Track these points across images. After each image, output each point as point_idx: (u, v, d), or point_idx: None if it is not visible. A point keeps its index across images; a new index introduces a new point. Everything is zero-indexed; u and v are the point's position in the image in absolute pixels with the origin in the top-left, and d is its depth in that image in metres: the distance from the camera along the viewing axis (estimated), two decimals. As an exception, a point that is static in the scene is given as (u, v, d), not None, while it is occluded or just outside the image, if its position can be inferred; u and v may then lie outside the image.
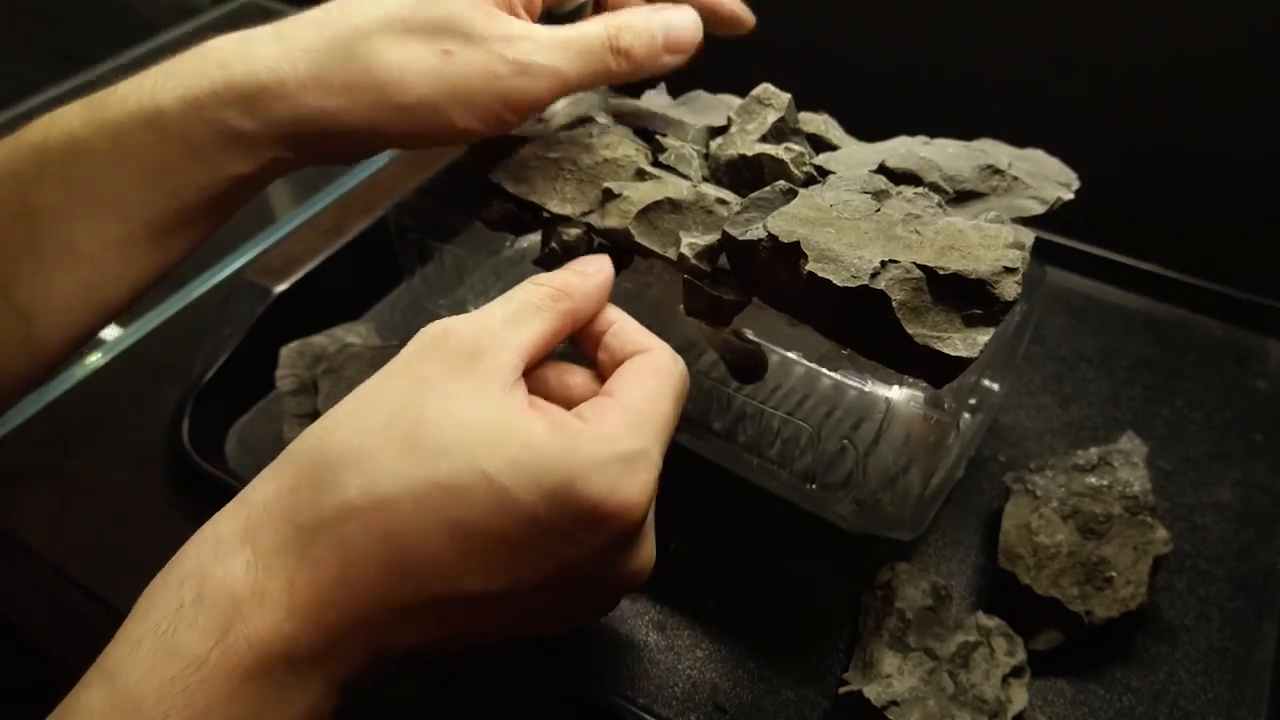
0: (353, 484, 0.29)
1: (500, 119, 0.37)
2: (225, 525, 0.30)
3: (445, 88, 0.36)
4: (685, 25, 0.40)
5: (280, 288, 0.60)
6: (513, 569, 0.29)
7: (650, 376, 0.34)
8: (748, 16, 0.45)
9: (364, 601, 0.29)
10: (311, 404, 0.54)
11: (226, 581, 0.28)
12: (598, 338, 0.36)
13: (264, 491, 0.30)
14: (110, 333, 0.63)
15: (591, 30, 0.38)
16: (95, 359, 0.61)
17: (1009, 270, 0.34)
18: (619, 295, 0.47)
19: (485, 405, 0.30)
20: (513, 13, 0.38)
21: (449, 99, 0.36)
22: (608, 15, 0.39)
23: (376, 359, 0.56)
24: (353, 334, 0.58)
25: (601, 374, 0.36)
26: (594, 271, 0.36)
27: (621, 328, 0.36)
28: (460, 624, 0.31)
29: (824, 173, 0.41)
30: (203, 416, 0.55)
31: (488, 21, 0.36)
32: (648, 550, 0.33)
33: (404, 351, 0.32)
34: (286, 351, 0.56)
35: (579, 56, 0.37)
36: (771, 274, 0.37)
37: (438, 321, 0.32)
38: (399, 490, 0.28)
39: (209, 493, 0.51)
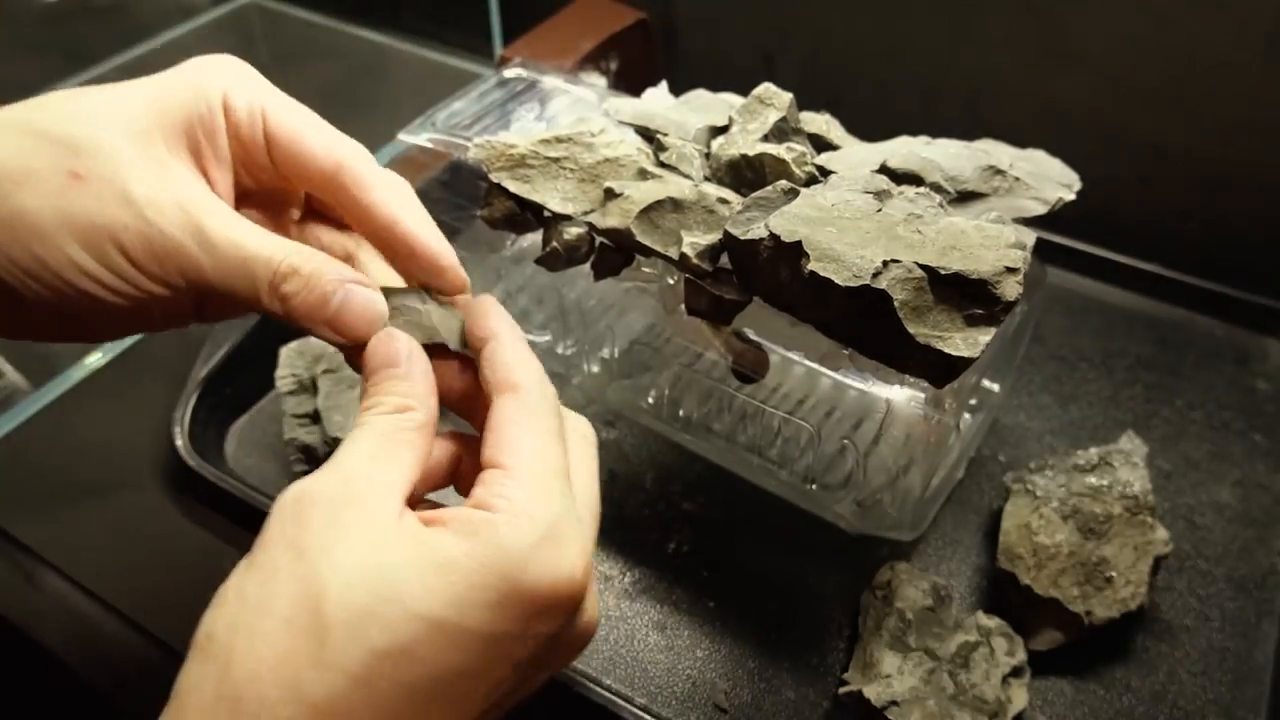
0: (281, 701, 0.24)
1: (124, 272, 0.30)
2: None
3: (63, 212, 0.29)
4: (363, 311, 0.32)
5: (280, 287, 0.59)
6: (477, 693, 0.27)
7: (527, 422, 0.30)
8: (460, 280, 0.35)
9: None
10: (311, 404, 0.54)
11: None
12: (478, 347, 0.33)
13: None
14: (110, 332, 0.63)
15: (264, 252, 0.31)
16: (95, 359, 0.61)
17: (1010, 270, 0.34)
18: (622, 296, 0.47)
19: (385, 546, 0.26)
20: (201, 167, 0.32)
21: (62, 226, 0.29)
22: (295, 247, 0.32)
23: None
24: (353, 334, 0.58)
25: (482, 389, 0.32)
26: (405, 357, 0.31)
27: (497, 350, 0.32)
28: None
29: (825, 173, 0.41)
30: (202, 417, 0.55)
31: (143, 164, 0.30)
32: (592, 608, 0.31)
33: (267, 531, 0.27)
34: (286, 351, 0.56)
35: (226, 265, 0.30)
36: (773, 273, 0.36)
37: (290, 489, 0.28)
38: (339, 682, 0.25)
39: (208, 493, 0.52)
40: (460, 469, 0.34)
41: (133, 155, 0.30)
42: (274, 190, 0.36)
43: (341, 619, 0.25)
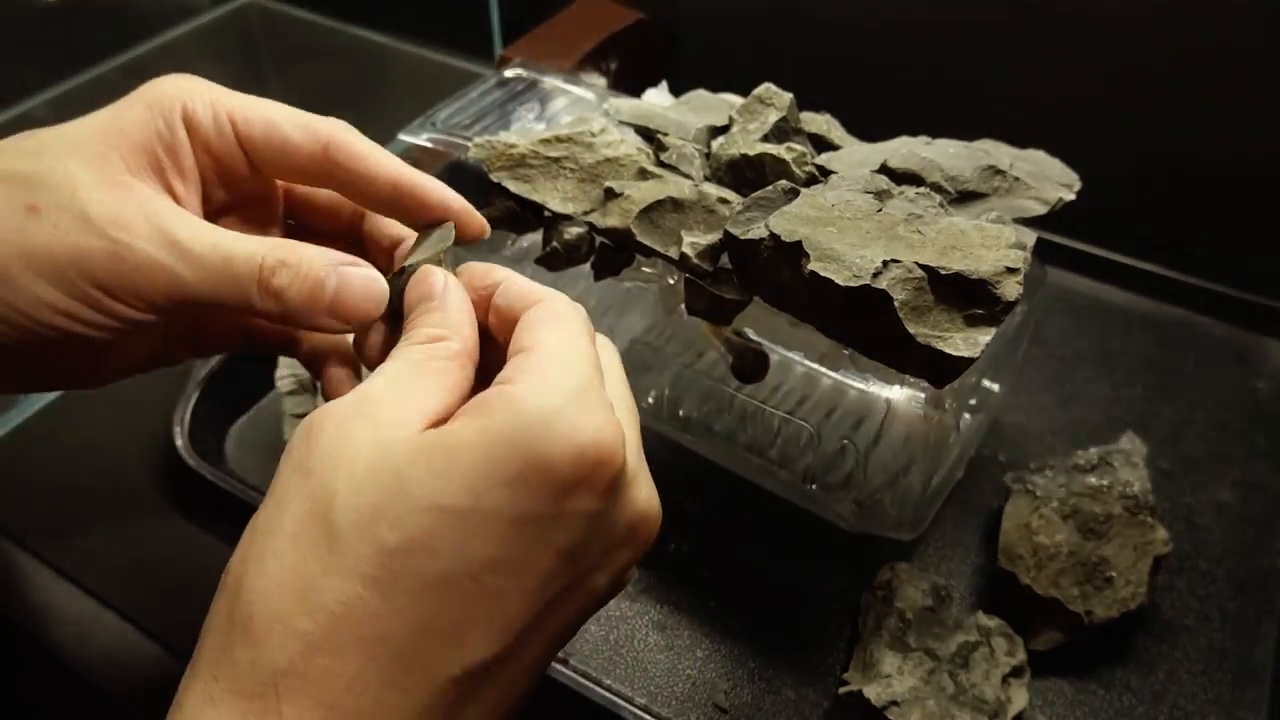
0: (296, 613, 0.23)
1: (97, 302, 0.28)
2: None
3: (23, 249, 0.28)
4: (363, 291, 0.30)
5: (280, 287, 0.59)
6: (522, 593, 0.25)
7: (556, 319, 0.28)
8: (478, 221, 0.34)
9: None
10: (311, 404, 0.54)
11: None
12: (485, 303, 0.31)
13: (194, 681, 0.24)
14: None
15: (245, 249, 0.29)
16: (95, 358, 0.61)
17: (1011, 270, 0.34)
18: (622, 296, 0.47)
19: (397, 442, 0.25)
20: (165, 186, 0.31)
21: (24, 263, 0.28)
22: (277, 241, 0.30)
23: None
24: (353, 334, 0.58)
25: (496, 339, 0.31)
26: (440, 289, 0.30)
27: (509, 285, 0.31)
28: (496, 701, 0.25)
29: (826, 172, 0.41)
30: (202, 417, 0.55)
31: (102, 186, 0.29)
32: (645, 495, 0.28)
33: (281, 461, 0.26)
34: (286, 351, 0.56)
35: (207, 270, 0.29)
36: (773, 273, 0.37)
37: (306, 417, 0.27)
38: (353, 585, 0.23)
39: (208, 493, 0.51)
40: None
41: (89, 180, 0.29)
42: (255, 203, 0.35)
43: (349, 522, 0.24)
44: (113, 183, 0.29)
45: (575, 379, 0.26)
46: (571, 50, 0.72)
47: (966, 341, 0.33)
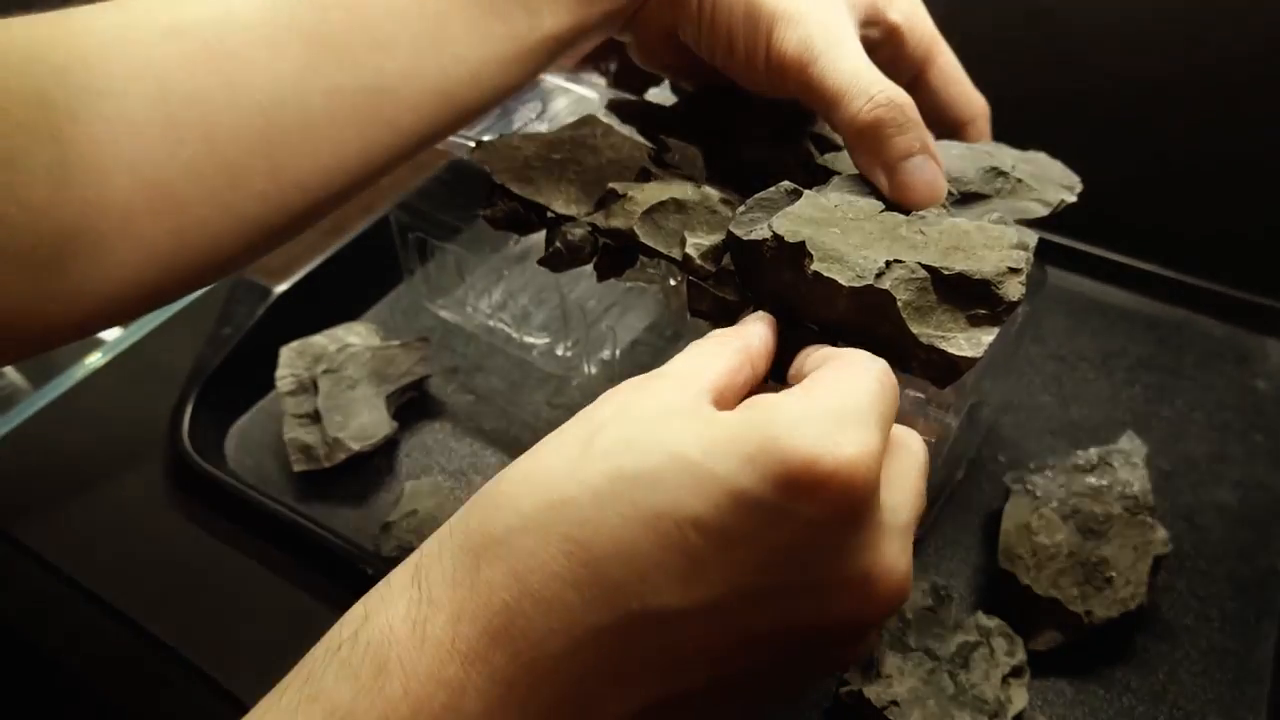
0: (527, 496, 0.26)
1: (753, 45, 0.38)
2: (397, 573, 0.27)
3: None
4: (928, 186, 0.37)
5: (280, 288, 0.60)
6: (720, 566, 0.25)
7: (846, 366, 0.30)
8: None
9: (540, 632, 0.24)
10: (311, 404, 0.54)
11: (386, 620, 0.25)
12: (796, 375, 0.33)
13: (438, 534, 0.27)
14: (110, 333, 0.63)
15: (874, 70, 0.37)
16: (95, 359, 0.61)
17: (1013, 271, 0.34)
18: (623, 296, 0.47)
19: (669, 402, 0.27)
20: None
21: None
22: (897, 89, 0.37)
23: (376, 359, 0.56)
24: (353, 334, 0.58)
25: None
26: (745, 318, 0.35)
27: (816, 350, 0.33)
28: (670, 672, 0.26)
29: (829, 173, 0.41)
30: (203, 416, 0.54)
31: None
32: (891, 551, 0.27)
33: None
34: (286, 351, 0.56)
35: (841, 65, 0.36)
36: (776, 274, 0.36)
37: None
38: (577, 487, 0.25)
39: (209, 492, 0.51)
40: None
41: None
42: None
43: (604, 444, 0.26)
44: None
45: (842, 402, 0.27)
46: (572, 49, 0.72)
47: (970, 341, 0.33)
